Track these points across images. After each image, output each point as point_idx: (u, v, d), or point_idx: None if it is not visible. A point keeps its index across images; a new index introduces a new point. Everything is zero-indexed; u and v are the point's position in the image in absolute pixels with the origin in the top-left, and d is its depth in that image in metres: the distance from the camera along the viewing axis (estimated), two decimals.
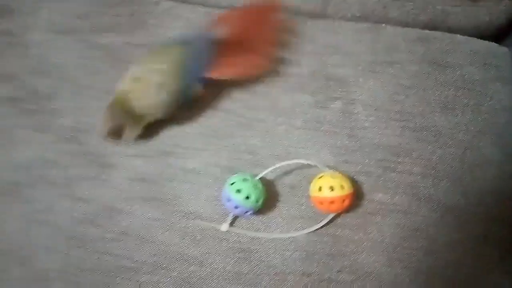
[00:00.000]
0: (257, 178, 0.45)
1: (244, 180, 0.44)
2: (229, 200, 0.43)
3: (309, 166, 0.47)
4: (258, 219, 0.47)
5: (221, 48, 0.48)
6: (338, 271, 0.46)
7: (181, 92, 0.46)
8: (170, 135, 0.49)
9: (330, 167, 0.46)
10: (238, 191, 0.43)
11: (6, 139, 0.48)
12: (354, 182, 0.47)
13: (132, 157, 0.48)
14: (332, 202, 0.43)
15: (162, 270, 0.45)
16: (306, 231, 0.46)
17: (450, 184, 0.48)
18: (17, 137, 0.48)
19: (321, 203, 0.44)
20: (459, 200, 0.48)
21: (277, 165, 0.46)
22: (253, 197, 0.43)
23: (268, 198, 0.47)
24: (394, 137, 0.49)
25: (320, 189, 0.44)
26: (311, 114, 0.50)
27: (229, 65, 0.48)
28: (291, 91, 0.51)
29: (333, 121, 0.50)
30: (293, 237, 0.46)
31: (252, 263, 0.46)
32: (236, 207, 0.43)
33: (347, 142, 0.49)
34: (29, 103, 0.50)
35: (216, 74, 0.47)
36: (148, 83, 0.45)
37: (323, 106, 0.50)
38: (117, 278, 0.45)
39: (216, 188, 0.47)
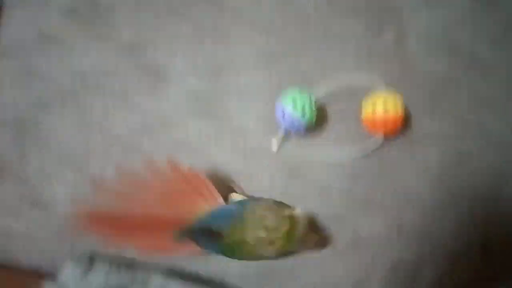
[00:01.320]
0: (311, 92, 0.46)
1: (300, 93, 0.45)
2: (284, 111, 0.44)
3: (358, 92, 0.48)
4: (307, 140, 0.48)
5: None
6: (382, 193, 0.47)
7: None
8: (223, 54, 0.50)
9: None
10: (294, 103, 0.44)
11: (66, 48, 0.49)
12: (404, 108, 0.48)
13: (187, 73, 0.49)
14: (385, 122, 0.44)
15: (214, 183, 0.46)
16: (354, 153, 0.47)
17: (495, 113, 0.49)
18: (76, 47, 0.49)
19: (374, 123, 0.45)
20: (504, 133, 0.49)
21: (331, 83, 0.47)
22: (307, 110, 0.44)
23: (319, 121, 0.48)
24: (444, 67, 0.50)
25: (374, 108, 0.45)
26: (364, 41, 0.51)
27: None
28: (345, 18, 0.51)
29: (385, 49, 0.50)
30: (340, 158, 0.48)
31: (300, 181, 0.47)
32: (290, 120, 0.44)
33: (398, 70, 0.50)
34: (89, 15, 0.50)
35: None
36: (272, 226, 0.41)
37: (376, 34, 0.51)
38: None
39: (266, 107, 0.48)
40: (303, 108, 0.44)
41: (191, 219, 0.40)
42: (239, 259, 0.43)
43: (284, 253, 0.42)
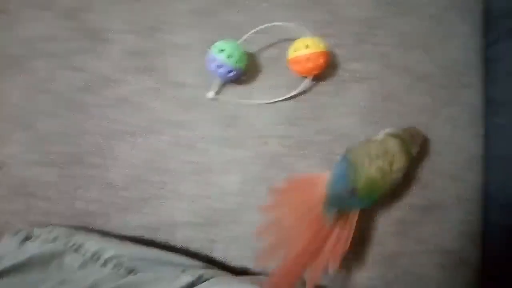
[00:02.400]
0: (239, 41, 0.49)
1: (226, 42, 0.48)
2: (213, 60, 0.47)
3: (287, 41, 0.51)
4: (242, 89, 0.51)
5: None
6: (316, 133, 0.50)
7: None
8: (157, 12, 0.53)
9: None
10: (221, 50, 0.47)
11: (10, 17, 0.52)
12: (331, 53, 0.50)
13: (125, 32, 0.52)
14: (308, 59, 0.47)
15: (155, 134, 0.50)
16: (286, 96, 0.50)
17: (421, 54, 0.52)
18: (20, 16, 0.52)
19: (298, 62, 0.48)
20: (429, 69, 0.51)
21: (258, 28, 0.49)
22: (235, 56, 0.47)
23: (251, 70, 0.51)
24: (369, 10, 0.53)
25: (296, 49, 0.48)
26: None
27: None
28: None
29: None
30: (274, 103, 0.50)
31: (237, 128, 0.50)
32: (219, 67, 0.47)
33: (325, 16, 0.52)
34: None
35: None
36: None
37: None
38: (114, 141, 0.49)
39: (202, 62, 0.50)
40: (230, 54, 0.47)
41: (325, 196, 0.43)
42: (377, 201, 0.44)
43: (409, 163, 0.45)
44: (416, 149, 0.46)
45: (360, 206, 0.44)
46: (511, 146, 0.49)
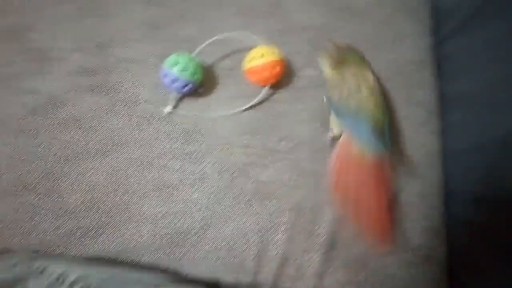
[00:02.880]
0: (193, 53, 0.48)
1: (180, 55, 0.47)
2: (167, 75, 0.46)
3: (243, 51, 0.50)
4: (200, 101, 0.50)
5: None
6: (279, 141, 0.49)
7: None
8: (105, 28, 0.51)
9: None
10: (175, 64, 0.46)
11: None
12: (286, 61, 0.50)
13: (72, 51, 0.50)
14: (264, 68, 0.47)
15: (112, 154, 0.47)
16: (245, 106, 0.49)
17: (374, 56, 0.52)
18: None
19: (255, 72, 0.47)
20: (383, 70, 0.52)
21: (212, 39, 0.48)
22: (190, 69, 0.46)
23: (209, 82, 0.50)
24: (321, 17, 0.54)
25: (252, 59, 0.47)
26: (243, 2, 0.53)
27: None
28: None
29: (264, 7, 0.53)
30: (234, 114, 0.49)
31: (198, 141, 0.49)
32: (174, 81, 0.46)
33: (279, 25, 0.53)
34: None
35: None
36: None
37: None
38: (68, 164, 0.47)
39: (156, 76, 0.49)
40: (185, 68, 0.46)
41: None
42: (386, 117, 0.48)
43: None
44: (356, 52, 0.49)
45: (384, 130, 0.47)
46: (466, 140, 0.51)
